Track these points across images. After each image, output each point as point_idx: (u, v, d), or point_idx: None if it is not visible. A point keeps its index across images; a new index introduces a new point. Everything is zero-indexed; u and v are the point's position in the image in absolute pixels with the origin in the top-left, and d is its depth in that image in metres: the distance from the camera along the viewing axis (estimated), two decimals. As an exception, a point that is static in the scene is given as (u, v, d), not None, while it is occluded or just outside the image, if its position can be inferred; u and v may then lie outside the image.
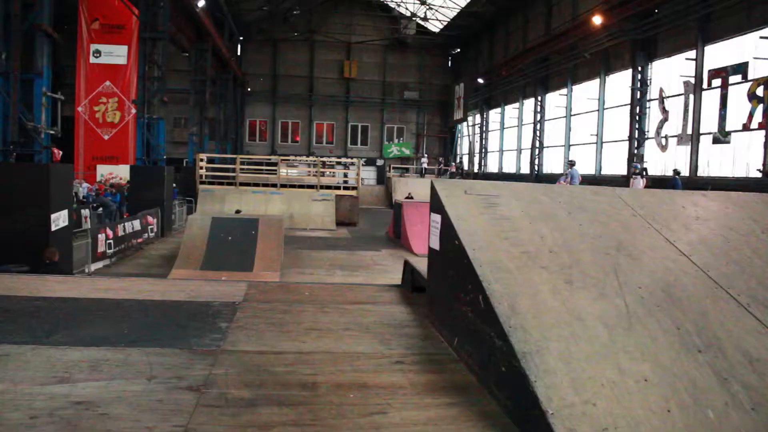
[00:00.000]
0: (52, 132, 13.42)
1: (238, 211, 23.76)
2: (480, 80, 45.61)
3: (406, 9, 49.50)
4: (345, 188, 30.73)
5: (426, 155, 51.11)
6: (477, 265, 3.68)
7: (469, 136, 51.74)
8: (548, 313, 3.34)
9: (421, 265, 5.84)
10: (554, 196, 4.78)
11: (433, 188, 4.73)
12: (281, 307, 5.23)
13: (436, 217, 4.63)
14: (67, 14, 30.99)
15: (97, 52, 33.06)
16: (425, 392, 3.40)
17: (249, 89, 51.76)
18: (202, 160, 30.33)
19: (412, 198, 28.58)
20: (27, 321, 4.55)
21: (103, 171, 30.35)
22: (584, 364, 2.99)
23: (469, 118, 49.65)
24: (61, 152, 18.40)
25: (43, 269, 10.54)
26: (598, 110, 31.27)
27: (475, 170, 48.03)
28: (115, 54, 33.01)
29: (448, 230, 4.30)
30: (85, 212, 21.49)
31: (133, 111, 28.26)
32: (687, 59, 23.89)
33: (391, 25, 52.49)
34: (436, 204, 4.63)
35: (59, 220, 13.28)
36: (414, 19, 50.02)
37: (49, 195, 12.66)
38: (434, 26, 51.15)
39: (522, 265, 3.78)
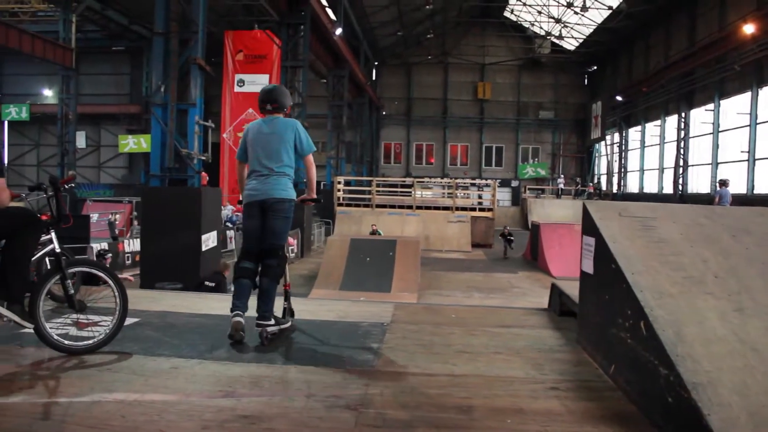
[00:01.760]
0: (203, 158, 14.19)
1: (374, 233, 24.16)
2: (618, 98, 44.14)
3: (541, 28, 48.84)
4: (480, 210, 30.53)
5: (562, 176, 49.92)
6: (637, 290, 3.54)
7: (607, 155, 50.14)
8: (718, 342, 3.16)
9: (569, 288, 5.70)
10: (716, 218, 4.52)
11: (585, 210, 4.60)
12: (429, 328, 5.26)
13: (590, 240, 4.49)
14: (214, 48, 32.83)
15: (241, 82, 34.70)
16: (584, 420, 3.30)
17: (384, 112, 52.71)
18: (339, 182, 31.11)
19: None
20: (191, 336, 4.83)
21: (248, 194, 31.69)
22: (763, 398, 2.80)
23: (607, 137, 48.11)
24: (207, 176, 19.40)
25: (195, 288, 11.14)
26: (749, 125, 29.42)
27: (614, 191, 46.39)
28: (258, 83, 34.46)
29: (602, 253, 4.16)
30: (230, 233, 22.52)
31: (275, 136, 29.38)
32: None
33: (524, 45, 51.97)
34: (589, 226, 4.50)
35: (209, 240, 14.02)
36: (548, 37, 49.25)
37: (201, 217, 13.41)
38: (569, 44, 50.15)
39: (685, 290, 3.60)
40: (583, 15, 42.19)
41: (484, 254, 26.69)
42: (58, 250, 4.22)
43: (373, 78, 51.91)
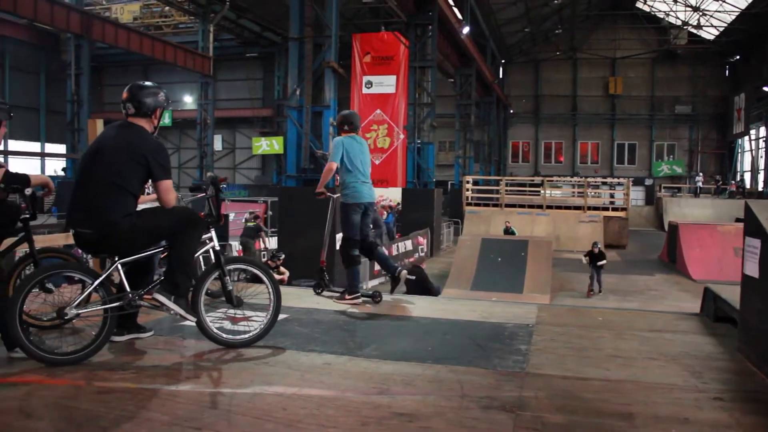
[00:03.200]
0: (367, 159, 14.51)
1: (507, 231, 23.90)
2: (765, 88, 41.39)
3: (677, 18, 46.57)
4: (613, 209, 29.52)
5: (701, 173, 47.32)
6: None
7: (751, 151, 47.13)
8: None
9: (725, 292, 5.40)
10: None
11: (749, 210, 4.33)
12: (576, 331, 5.12)
13: (754, 242, 4.21)
14: (342, 51, 33.55)
15: (369, 83, 35.15)
16: (757, 434, 3.10)
17: (512, 111, 52.07)
18: (468, 182, 30.98)
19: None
20: (338, 333, 4.95)
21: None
22: None
23: (752, 132, 45.24)
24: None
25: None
26: None
27: (760, 188, 43.54)
28: (385, 84, 34.84)
29: (771, 256, 3.90)
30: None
31: (402, 136, 29.62)
32: None
33: (659, 37, 49.74)
34: (753, 227, 4.23)
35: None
36: (685, 27, 46.89)
37: (335, 216, 13.66)
38: (708, 33, 47.45)
39: None
40: (724, 1, 39.89)
41: (617, 255, 25.78)
42: (217, 247, 4.42)
43: (500, 76, 51.31)
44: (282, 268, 13.04)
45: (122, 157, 4.02)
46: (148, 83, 4.29)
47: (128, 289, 4.09)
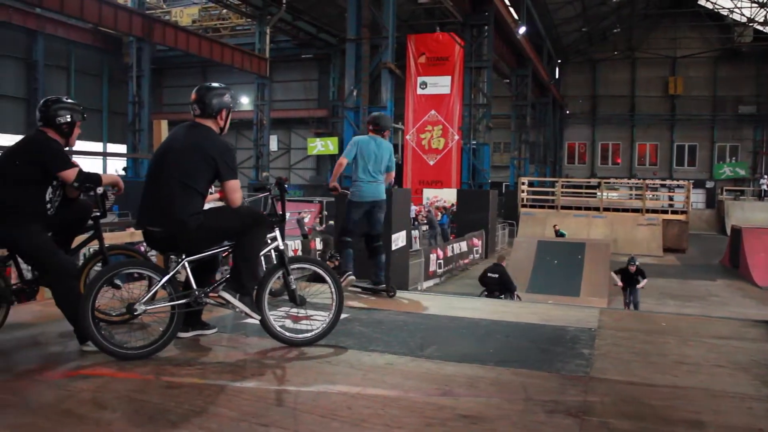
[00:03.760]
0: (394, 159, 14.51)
1: (559, 234, 23.61)
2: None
3: (741, 14, 45.23)
4: (672, 212, 28.90)
5: (765, 176, 45.87)
6: None
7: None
8: None
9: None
10: None
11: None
12: (640, 336, 5.03)
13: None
14: (397, 52, 33.61)
15: (424, 84, 35.08)
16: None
17: (567, 112, 51.37)
18: (523, 183, 30.71)
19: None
20: (399, 333, 4.95)
21: (429, 194, 32.16)
22: None
23: (823, 132, 43.62)
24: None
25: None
26: None
27: (830, 193, 41.98)
28: (440, 84, 34.72)
29: None
30: (415, 233, 22.90)
31: (456, 137, 29.51)
32: None
33: (721, 35, 48.32)
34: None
35: (398, 240, 14.29)
36: (750, 24, 45.49)
37: (391, 217, 13.69)
38: (775, 30, 45.99)
39: None
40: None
41: (677, 259, 25.26)
42: (281, 247, 4.46)
43: (556, 76, 50.69)
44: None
45: (191, 157, 4.10)
46: (215, 84, 4.35)
47: (195, 286, 4.17)
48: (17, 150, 4.26)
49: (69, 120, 4.33)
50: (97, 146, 43.82)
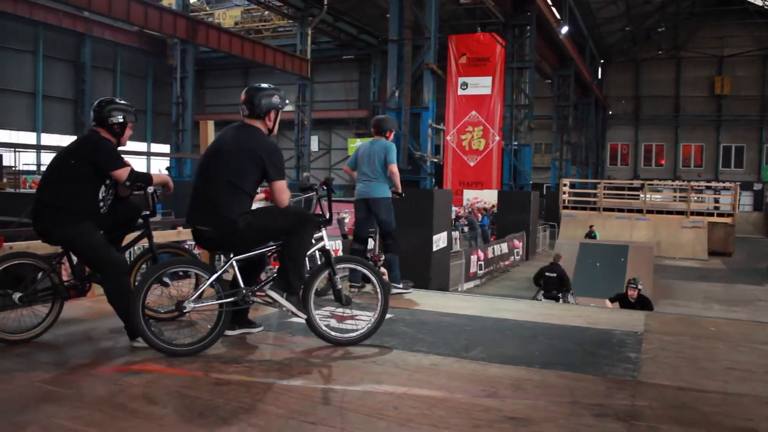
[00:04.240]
0: (435, 160, 14.52)
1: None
2: None
3: (792, 12, 44.13)
4: (718, 215, 28.33)
5: (816, 178, 44.76)
6: None
7: None
8: None
9: None
10: None
11: None
12: (688, 341, 4.95)
13: None
14: (437, 53, 33.56)
15: (464, 85, 34.97)
16: None
17: (610, 112, 50.66)
18: (565, 185, 30.41)
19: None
20: (444, 334, 4.95)
21: (469, 195, 32.04)
22: None
23: None
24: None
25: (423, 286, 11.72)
26: None
27: None
28: (481, 85, 34.58)
29: None
30: (455, 234, 22.84)
31: (497, 138, 29.36)
32: None
33: (771, 33, 47.23)
34: None
35: (440, 241, 14.29)
36: (801, 22, 44.37)
37: (432, 218, 13.70)
38: (828, 28, 44.73)
39: None
40: None
41: (722, 263, 24.76)
42: (328, 247, 4.50)
43: (599, 77, 50.02)
44: (382, 269, 13.14)
45: (239, 158, 4.15)
46: (264, 85, 4.40)
47: (242, 285, 4.22)
48: (73, 149, 4.37)
49: (121, 120, 4.43)
50: (142, 146, 44.56)
